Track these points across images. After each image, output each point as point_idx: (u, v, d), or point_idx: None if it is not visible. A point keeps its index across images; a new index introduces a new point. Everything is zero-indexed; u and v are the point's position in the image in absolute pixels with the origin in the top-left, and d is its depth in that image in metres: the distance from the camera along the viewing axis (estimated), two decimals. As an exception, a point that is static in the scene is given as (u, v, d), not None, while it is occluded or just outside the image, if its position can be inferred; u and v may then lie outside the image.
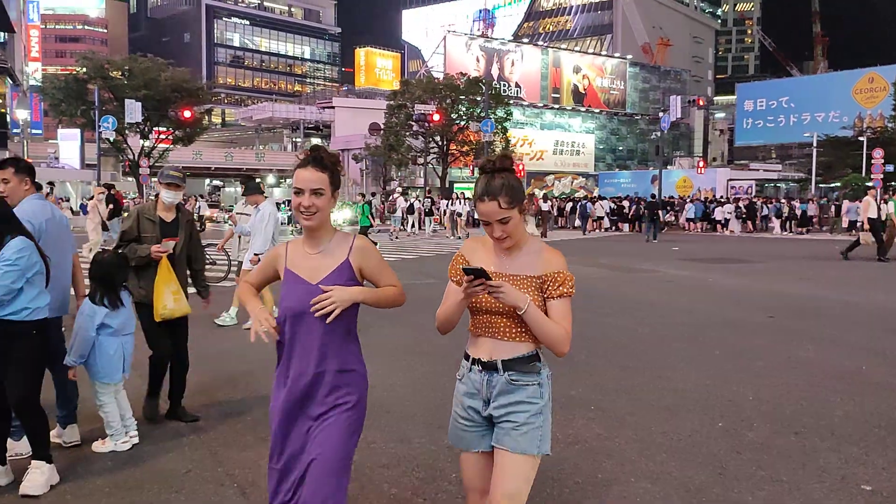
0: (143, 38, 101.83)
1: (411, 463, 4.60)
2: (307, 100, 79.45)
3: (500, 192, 2.56)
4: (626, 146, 73.65)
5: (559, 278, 2.64)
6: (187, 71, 47.99)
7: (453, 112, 46.75)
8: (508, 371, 2.65)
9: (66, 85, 42.97)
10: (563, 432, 5.20)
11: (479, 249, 2.77)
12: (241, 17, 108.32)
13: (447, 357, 7.61)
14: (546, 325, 2.59)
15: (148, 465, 4.51)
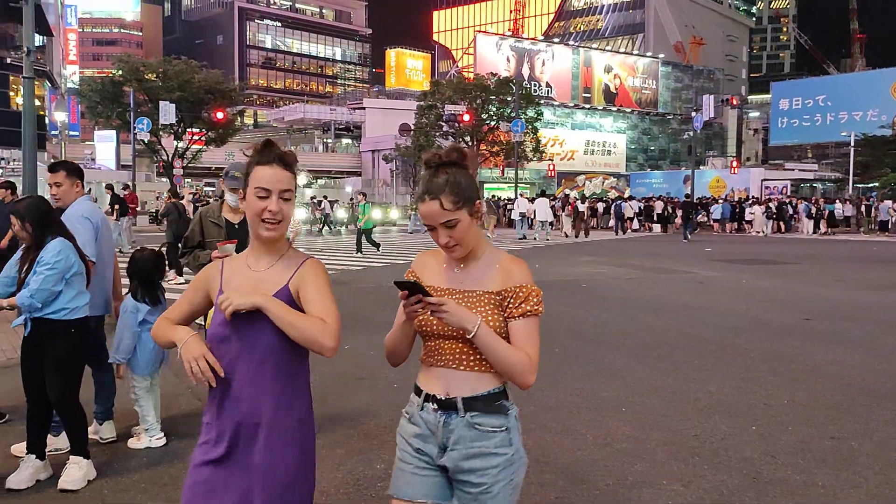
0: (178, 40, 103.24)
1: (441, 463, 4.60)
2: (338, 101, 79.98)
3: (444, 189, 2.14)
4: (657, 146, 73.03)
5: (522, 293, 2.17)
6: (220, 73, 48.55)
7: (483, 112, 46.73)
8: (471, 412, 2.17)
9: (103, 87, 43.70)
10: (594, 434, 5.18)
11: (432, 263, 2.34)
12: (272, 18, 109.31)
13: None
14: (502, 351, 2.12)
15: (181, 461, 4.57)
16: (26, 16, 11.58)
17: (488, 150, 48.07)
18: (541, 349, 2.11)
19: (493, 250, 2.29)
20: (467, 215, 2.18)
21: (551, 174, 52.15)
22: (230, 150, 58.40)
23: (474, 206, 2.20)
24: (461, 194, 2.16)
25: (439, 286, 2.24)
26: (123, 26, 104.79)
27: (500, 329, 2.15)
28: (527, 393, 6.21)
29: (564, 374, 6.94)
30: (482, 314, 2.15)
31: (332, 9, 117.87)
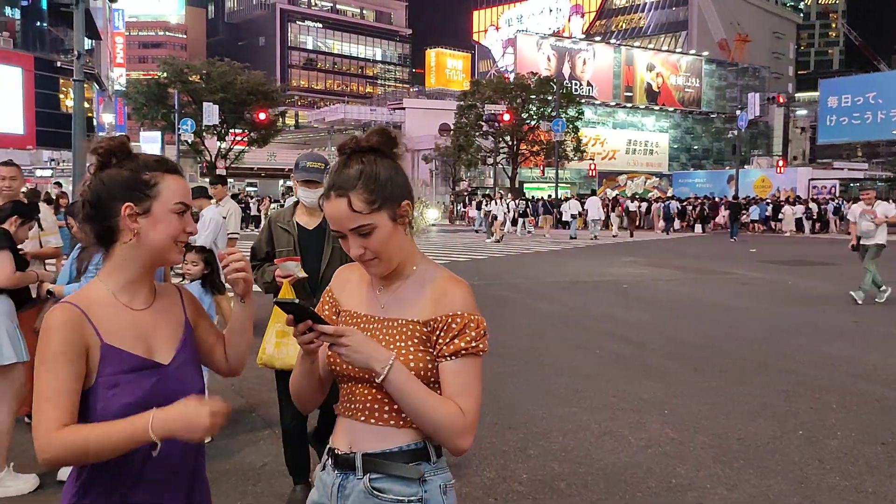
0: (221, 42, 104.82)
1: (482, 463, 4.61)
2: (378, 101, 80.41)
3: (354, 184, 1.62)
4: (701, 145, 71.96)
5: (456, 324, 1.63)
6: (262, 74, 49.19)
7: (524, 112, 46.56)
8: (371, 473, 1.65)
9: (148, 89, 44.64)
10: (636, 436, 5.13)
11: (354, 280, 1.81)
12: (314, 20, 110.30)
13: (514, 358, 7.60)
14: (422, 402, 1.59)
15: (226, 458, 4.65)
16: (77, 20, 11.88)
17: (528, 149, 47.88)
18: (580, 351, 1.82)
19: (428, 266, 1.76)
20: (388, 220, 1.65)
21: (592, 174, 51.74)
22: (272, 150, 59.19)
23: (399, 207, 1.67)
24: (378, 192, 1.63)
25: (357, 311, 1.75)
26: (168, 29, 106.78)
27: (427, 372, 1.63)
28: (569, 392, 6.20)
29: (605, 376, 6.89)
30: (401, 351, 1.63)
31: (372, 10, 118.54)
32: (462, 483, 4.28)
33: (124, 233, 1.68)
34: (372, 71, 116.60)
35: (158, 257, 1.72)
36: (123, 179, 1.68)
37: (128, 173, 1.68)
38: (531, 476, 4.41)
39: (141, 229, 1.67)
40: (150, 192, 1.68)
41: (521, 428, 5.30)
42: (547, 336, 8.86)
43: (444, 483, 1.69)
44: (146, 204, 1.67)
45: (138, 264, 1.71)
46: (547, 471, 4.49)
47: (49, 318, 1.60)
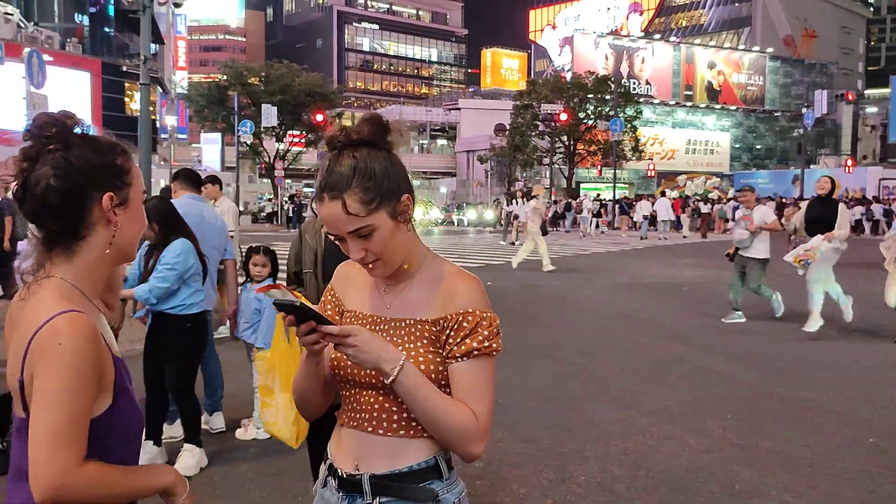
0: (279, 45, 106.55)
1: (539, 463, 4.58)
2: (434, 102, 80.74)
3: (348, 183, 1.49)
4: (764, 144, 70.15)
5: (467, 323, 1.54)
6: (320, 76, 49.84)
7: (581, 111, 46.15)
8: (381, 496, 1.55)
9: (209, 92, 45.71)
10: (697, 440, 5.03)
11: (357, 277, 1.70)
12: (370, 21, 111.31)
13: (570, 360, 7.54)
14: (435, 405, 1.50)
15: (287, 454, 4.70)
16: (143, 26, 12.22)
17: (585, 149, 47.46)
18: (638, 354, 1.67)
19: (435, 262, 1.65)
20: (388, 218, 1.52)
21: (651, 174, 50.99)
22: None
23: (399, 203, 1.54)
24: (375, 189, 1.50)
25: (361, 311, 1.66)
26: (228, 32, 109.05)
27: (437, 374, 1.54)
28: (627, 395, 6.11)
29: (664, 379, 6.77)
30: (410, 353, 1.54)
31: (428, 10, 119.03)
32: (519, 484, 4.26)
33: (96, 227, 1.44)
34: (427, 72, 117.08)
35: (125, 254, 1.51)
36: (96, 163, 1.42)
37: (100, 156, 1.43)
38: (589, 478, 4.36)
39: (119, 222, 1.46)
40: (127, 177, 1.47)
41: (579, 430, 5.25)
42: (603, 338, 8.76)
43: (457, 498, 1.59)
44: (124, 192, 1.46)
45: (109, 263, 1.50)
46: (606, 474, 4.43)
47: (68, 332, 1.33)
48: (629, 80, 61.09)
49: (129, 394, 1.45)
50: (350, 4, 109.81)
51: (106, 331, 1.47)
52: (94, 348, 1.35)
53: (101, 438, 1.38)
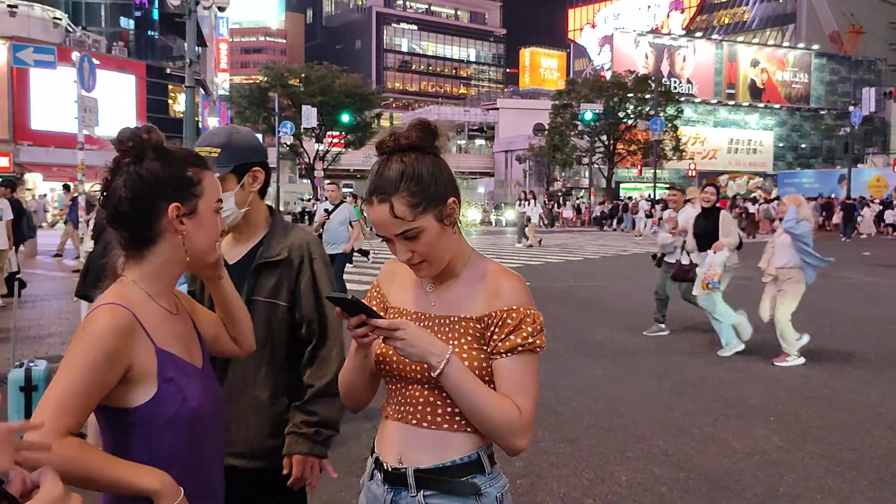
0: (318, 46, 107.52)
1: (580, 464, 4.58)
2: (472, 102, 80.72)
3: (396, 187, 1.55)
4: (809, 143, 68.78)
5: (513, 319, 1.57)
6: (359, 77, 50.23)
7: (620, 111, 45.80)
8: (425, 489, 1.59)
9: (250, 93, 46.41)
10: (740, 442, 4.98)
11: (402, 274, 1.74)
12: (409, 22, 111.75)
13: (611, 360, 7.50)
14: (480, 399, 1.53)
15: (331, 449, 4.78)
16: (189, 29, 12.46)
17: (625, 149, 47.09)
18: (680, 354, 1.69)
19: (479, 261, 1.70)
20: (434, 221, 1.57)
21: (692, 174, 50.36)
22: (367, 152, 60.34)
23: (445, 206, 1.59)
24: (422, 194, 1.55)
25: (405, 308, 1.70)
26: (269, 34, 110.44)
27: (482, 370, 1.58)
28: (669, 395, 6.07)
29: (706, 380, 6.71)
30: (455, 349, 1.57)
31: (466, 10, 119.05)
32: (560, 483, 4.27)
33: (166, 235, 1.53)
34: (466, 72, 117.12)
35: (199, 260, 1.61)
36: (166, 175, 1.52)
37: (170, 169, 1.53)
38: (630, 478, 4.35)
39: (187, 231, 1.55)
40: (196, 189, 1.56)
41: (620, 430, 5.23)
42: (645, 338, 8.69)
43: (500, 492, 1.61)
44: (192, 203, 1.55)
45: (179, 268, 1.60)
46: (647, 474, 4.42)
47: (98, 319, 1.44)
48: (670, 78, 60.50)
49: (180, 386, 1.50)
50: (389, 5, 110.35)
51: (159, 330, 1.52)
52: (117, 340, 1.42)
53: (146, 426, 1.46)
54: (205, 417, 1.55)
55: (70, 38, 37.17)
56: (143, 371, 1.46)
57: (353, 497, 4.03)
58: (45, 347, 7.63)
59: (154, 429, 1.46)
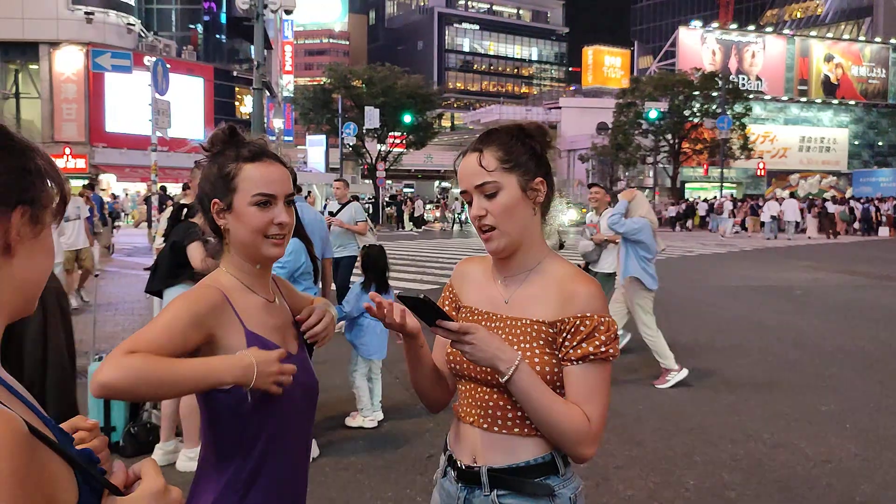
0: (381, 47, 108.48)
1: (646, 466, 4.51)
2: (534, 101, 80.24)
3: (491, 143, 1.60)
4: (887, 141, 66.07)
5: (585, 326, 1.54)
6: (421, 78, 50.49)
7: (686, 109, 44.88)
8: (499, 489, 1.59)
9: (314, 95, 47.12)
10: (814, 449, 4.83)
11: (475, 274, 1.75)
12: (471, 22, 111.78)
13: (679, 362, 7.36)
14: (548, 407, 1.52)
15: (395, 447, 4.84)
16: (257, 33, 12.73)
17: (691, 147, 46.08)
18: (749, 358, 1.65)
19: (555, 261, 1.65)
20: (517, 187, 1.57)
21: (761, 173, 49.03)
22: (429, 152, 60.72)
23: (532, 180, 1.59)
24: (513, 153, 1.58)
25: (478, 307, 1.69)
26: (332, 36, 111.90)
27: (553, 374, 1.56)
28: (737, 400, 5.93)
29: (776, 385, 6.53)
30: (526, 352, 1.56)
31: (529, 9, 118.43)
32: (626, 486, 4.22)
33: (223, 228, 1.62)
34: (528, 71, 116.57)
35: (252, 253, 1.62)
36: (210, 174, 1.62)
37: (215, 168, 1.62)
38: (698, 483, 4.26)
39: (228, 225, 1.60)
40: (230, 185, 1.59)
41: (687, 434, 5.14)
42: (711, 342, 8.51)
43: (573, 494, 1.60)
44: (228, 199, 1.59)
45: (243, 258, 1.63)
46: (715, 479, 4.32)
47: (192, 291, 1.57)
48: (738, 75, 58.95)
49: None
50: (450, 6, 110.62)
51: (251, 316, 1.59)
52: (204, 307, 1.52)
53: (238, 406, 1.52)
54: (294, 400, 1.59)
55: (142, 43, 38.39)
56: (230, 347, 1.52)
57: (418, 494, 4.07)
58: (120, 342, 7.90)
59: (245, 409, 1.51)
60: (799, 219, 30.63)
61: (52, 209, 0.95)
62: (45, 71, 34.26)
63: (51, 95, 34.28)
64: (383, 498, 4.04)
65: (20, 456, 0.76)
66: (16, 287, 0.91)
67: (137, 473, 1.00)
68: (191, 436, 4.40)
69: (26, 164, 0.90)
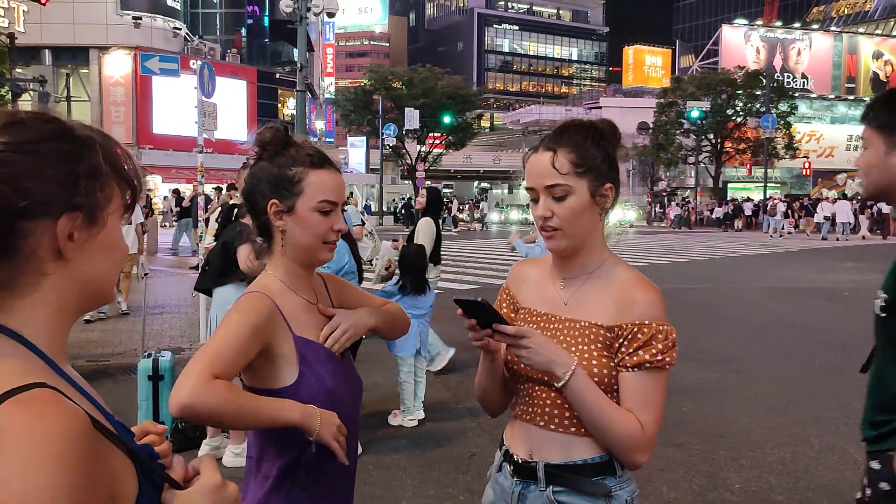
0: (421, 49, 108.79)
1: (689, 469, 4.47)
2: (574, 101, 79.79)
3: (565, 144, 1.58)
4: (937, 139, 64.25)
5: (643, 334, 1.54)
6: (460, 78, 50.55)
7: (729, 108, 44.20)
8: (554, 485, 1.59)
9: (355, 97, 47.48)
10: (864, 455, 4.72)
11: (532, 276, 1.76)
12: (510, 22, 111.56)
13: (720, 365, 7.28)
14: (603, 413, 1.52)
15: (437, 446, 4.87)
16: (300, 36, 12.90)
17: (734, 147, 45.37)
18: (794, 361, 1.62)
19: (616, 265, 1.65)
20: (587, 192, 1.57)
21: (806, 172, 48.06)
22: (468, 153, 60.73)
23: (602, 185, 1.59)
24: (587, 158, 1.57)
25: (536, 309, 1.69)
26: (372, 38, 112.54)
27: (609, 378, 1.55)
28: (782, 402, 5.84)
29: (823, 388, 6.41)
30: (583, 355, 1.56)
31: (568, 9, 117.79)
32: (669, 488, 4.19)
33: (274, 229, 1.63)
34: (567, 71, 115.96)
35: (307, 256, 1.66)
36: (270, 175, 1.62)
37: (275, 169, 1.62)
38: (744, 486, 4.22)
39: (287, 227, 1.62)
40: (294, 189, 1.60)
41: (732, 437, 5.08)
42: (756, 343, 8.38)
43: (630, 497, 1.60)
44: (290, 201, 1.60)
45: (294, 260, 1.66)
46: (762, 482, 4.27)
47: (245, 302, 1.58)
48: (783, 73, 57.89)
49: (317, 370, 1.59)
50: (490, 6, 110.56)
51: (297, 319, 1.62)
52: (261, 319, 1.53)
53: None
54: (341, 399, 1.62)
55: (188, 46, 39.10)
56: (282, 354, 1.57)
57: (460, 493, 4.10)
58: (167, 340, 8.08)
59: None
60: (852, 220, 30.14)
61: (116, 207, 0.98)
62: (94, 74, 35.12)
63: (100, 98, 35.13)
64: (425, 495, 4.08)
65: (84, 448, 0.80)
66: (78, 287, 0.94)
67: (196, 469, 1.04)
68: (237, 432, 4.48)
69: (77, 168, 0.91)
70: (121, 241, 1.01)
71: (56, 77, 33.26)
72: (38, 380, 0.84)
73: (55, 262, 0.91)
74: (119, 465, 0.88)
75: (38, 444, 0.77)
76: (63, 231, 0.90)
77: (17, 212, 0.87)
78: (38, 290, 0.91)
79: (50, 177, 0.89)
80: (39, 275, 0.91)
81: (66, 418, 0.80)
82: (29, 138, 0.89)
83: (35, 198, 0.87)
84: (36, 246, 0.89)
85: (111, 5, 34.58)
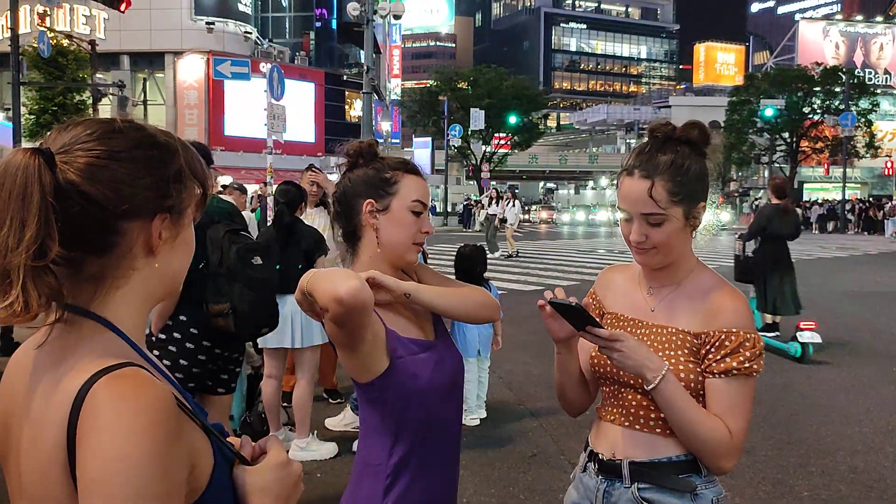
0: (486, 49, 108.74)
1: (756, 475, 4.37)
2: (642, 100, 78.58)
3: (663, 171, 1.57)
4: None
5: (731, 341, 1.55)
6: (526, 78, 50.37)
7: (805, 106, 42.78)
8: (639, 482, 1.61)
9: (421, 98, 47.83)
10: (943, 465, 4.54)
11: (619, 282, 1.79)
12: (578, 21, 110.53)
13: (789, 370, 7.07)
14: (691, 417, 1.54)
15: (498, 446, 4.89)
16: (366, 38, 13.08)
17: (810, 146, 43.88)
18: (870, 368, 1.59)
19: (703, 272, 1.68)
20: (682, 217, 1.59)
21: (888, 172, 46.13)
22: (533, 153, 60.43)
23: (696, 207, 1.62)
24: (684, 186, 1.57)
25: (623, 314, 1.73)
26: (438, 39, 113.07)
27: (697, 384, 1.58)
28: (857, 410, 5.64)
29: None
30: (671, 360, 1.58)
31: (638, 7, 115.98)
32: (735, 493, 4.10)
33: (366, 230, 1.68)
34: (636, 69, 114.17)
35: (397, 257, 1.70)
36: (367, 177, 1.70)
37: (372, 171, 1.70)
38: (813, 494, 4.10)
39: (380, 226, 1.67)
40: (391, 189, 1.68)
41: (801, 444, 4.93)
42: (828, 349, 8.10)
43: (716, 497, 1.61)
44: (386, 201, 1.67)
45: (383, 261, 1.69)
46: (832, 491, 4.14)
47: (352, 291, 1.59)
48: (864, 69, 55.72)
49: (410, 362, 1.62)
50: (557, 5, 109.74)
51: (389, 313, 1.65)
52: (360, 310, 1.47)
53: (385, 395, 1.60)
54: (439, 388, 1.65)
55: (258, 50, 40.04)
56: (378, 347, 1.59)
57: (520, 492, 4.11)
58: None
59: (390, 402, 1.60)
60: None
61: (192, 206, 1.07)
62: (169, 79, 36.29)
63: (174, 102, 36.29)
64: (487, 494, 4.10)
65: (171, 422, 0.89)
66: (160, 279, 1.05)
67: (263, 448, 1.10)
68: (303, 426, 4.59)
69: (165, 173, 1.01)
70: (192, 241, 1.11)
71: (133, 82, 34.50)
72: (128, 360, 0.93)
73: (145, 258, 1.01)
74: (198, 440, 0.96)
75: (131, 416, 0.86)
76: (157, 230, 1.00)
77: (119, 213, 0.96)
78: (129, 282, 1.01)
79: (146, 181, 0.98)
80: (131, 269, 1.00)
81: (155, 393, 0.89)
82: (126, 146, 0.98)
83: (134, 201, 0.97)
84: (131, 244, 0.99)
85: (185, 11, 35.68)
